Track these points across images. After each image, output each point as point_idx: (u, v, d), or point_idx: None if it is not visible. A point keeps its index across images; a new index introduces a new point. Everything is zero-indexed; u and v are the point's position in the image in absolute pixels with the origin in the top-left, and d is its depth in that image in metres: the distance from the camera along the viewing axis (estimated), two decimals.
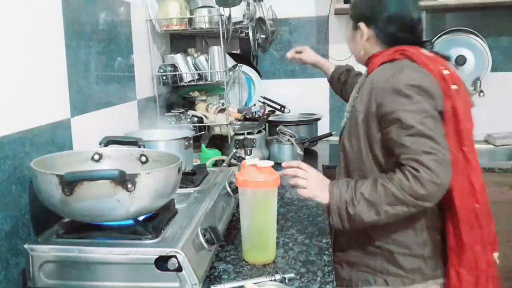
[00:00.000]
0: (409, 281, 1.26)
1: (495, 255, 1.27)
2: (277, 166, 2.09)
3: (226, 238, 1.23)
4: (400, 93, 1.16)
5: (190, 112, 2.04)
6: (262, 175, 1.07)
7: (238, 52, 2.72)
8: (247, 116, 2.26)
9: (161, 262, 0.89)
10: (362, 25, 1.31)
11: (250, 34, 2.23)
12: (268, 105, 2.53)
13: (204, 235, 1.01)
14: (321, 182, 1.23)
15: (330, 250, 1.18)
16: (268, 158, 2.09)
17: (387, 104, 1.18)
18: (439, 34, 2.56)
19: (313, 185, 1.21)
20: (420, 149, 1.12)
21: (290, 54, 1.88)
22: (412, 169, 1.12)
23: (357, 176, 1.27)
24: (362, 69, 1.44)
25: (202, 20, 1.93)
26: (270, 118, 2.35)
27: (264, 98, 2.55)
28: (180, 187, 1.10)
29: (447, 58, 1.32)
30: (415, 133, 1.13)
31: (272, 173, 1.09)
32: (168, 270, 0.89)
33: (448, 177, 1.12)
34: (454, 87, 1.21)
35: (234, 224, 1.35)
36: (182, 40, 2.28)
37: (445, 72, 1.22)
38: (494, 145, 2.49)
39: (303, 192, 1.21)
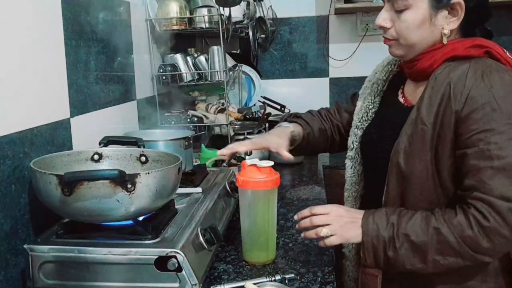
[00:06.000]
0: None
1: None
2: (277, 166, 2.10)
3: (226, 238, 1.23)
4: (495, 107, 0.89)
5: (190, 112, 2.04)
6: (262, 175, 1.06)
7: (238, 52, 2.72)
8: (247, 116, 2.26)
9: (161, 263, 0.89)
10: (459, 2, 0.97)
11: (250, 34, 2.22)
12: (268, 105, 2.53)
13: (204, 235, 1.01)
14: (348, 218, 0.99)
15: (331, 250, 1.17)
16: (268, 158, 2.08)
17: (473, 119, 0.91)
18: None
19: (339, 227, 0.98)
20: (500, 191, 0.87)
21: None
22: (480, 214, 0.88)
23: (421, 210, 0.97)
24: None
25: (202, 20, 1.93)
26: (270, 118, 2.35)
27: (264, 98, 2.55)
28: (180, 187, 1.09)
29: None
30: (502, 167, 0.87)
31: (272, 173, 1.07)
32: (168, 270, 0.89)
33: None
34: None
35: (234, 224, 1.35)
36: (182, 40, 2.28)
37: None
38: None
39: (332, 241, 0.98)
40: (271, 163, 1.07)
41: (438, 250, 0.91)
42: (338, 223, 0.98)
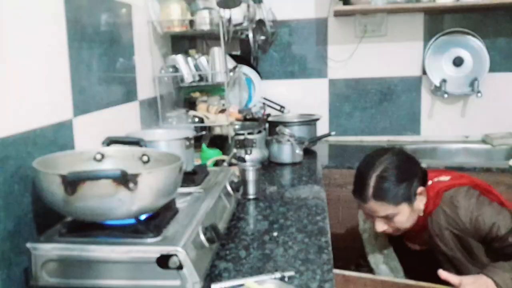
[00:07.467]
0: None
1: None
2: (277, 166, 2.10)
3: (226, 237, 1.24)
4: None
5: (191, 113, 2.05)
6: None
7: (239, 53, 2.73)
8: (247, 117, 2.27)
9: (163, 261, 0.90)
10: (421, 189, 1.44)
11: (250, 35, 2.24)
12: (268, 105, 2.54)
13: (205, 234, 1.02)
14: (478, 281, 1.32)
15: (329, 248, 1.19)
16: (268, 158, 2.11)
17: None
18: (437, 35, 2.57)
19: None
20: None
21: None
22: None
23: None
24: None
25: (203, 22, 1.94)
26: (270, 118, 2.36)
27: (264, 98, 2.56)
28: (181, 186, 1.11)
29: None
30: None
31: None
32: (169, 268, 0.90)
33: None
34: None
35: (234, 223, 1.36)
36: (183, 42, 2.29)
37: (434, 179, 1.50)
38: (492, 145, 2.50)
39: None
40: None
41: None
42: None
